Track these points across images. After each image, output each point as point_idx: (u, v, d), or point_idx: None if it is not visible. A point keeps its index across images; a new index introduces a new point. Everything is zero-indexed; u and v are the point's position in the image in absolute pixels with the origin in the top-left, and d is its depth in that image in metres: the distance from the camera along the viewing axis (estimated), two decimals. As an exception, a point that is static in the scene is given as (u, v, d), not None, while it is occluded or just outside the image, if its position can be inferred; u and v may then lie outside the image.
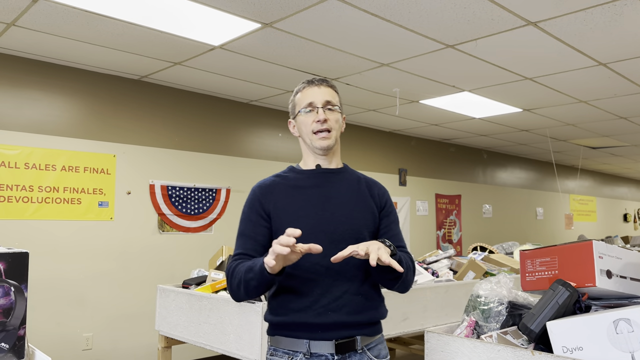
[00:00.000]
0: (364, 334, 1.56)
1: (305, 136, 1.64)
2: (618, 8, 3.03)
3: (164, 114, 4.79)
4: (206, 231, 4.97)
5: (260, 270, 1.43)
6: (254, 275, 1.45)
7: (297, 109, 1.66)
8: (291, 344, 1.54)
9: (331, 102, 1.63)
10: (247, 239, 1.60)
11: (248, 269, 1.48)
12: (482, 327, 1.76)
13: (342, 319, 1.52)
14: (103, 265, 4.30)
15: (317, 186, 1.62)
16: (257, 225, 1.60)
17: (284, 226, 1.55)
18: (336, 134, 1.64)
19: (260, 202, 1.61)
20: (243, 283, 1.49)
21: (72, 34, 3.50)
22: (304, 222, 1.55)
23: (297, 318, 1.53)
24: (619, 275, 1.67)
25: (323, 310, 1.52)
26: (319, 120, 1.60)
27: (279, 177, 1.67)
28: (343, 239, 1.56)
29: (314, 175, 1.65)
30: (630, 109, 5.64)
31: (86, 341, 4.16)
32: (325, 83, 1.65)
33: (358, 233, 1.58)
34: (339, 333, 1.52)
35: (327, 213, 1.58)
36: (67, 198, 4.12)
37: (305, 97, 1.64)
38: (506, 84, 4.66)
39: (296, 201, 1.59)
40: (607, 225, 12.20)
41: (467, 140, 7.74)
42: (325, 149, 1.62)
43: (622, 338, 1.43)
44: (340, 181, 1.66)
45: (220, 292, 2.81)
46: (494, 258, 3.92)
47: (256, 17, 3.18)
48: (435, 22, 3.25)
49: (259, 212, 1.60)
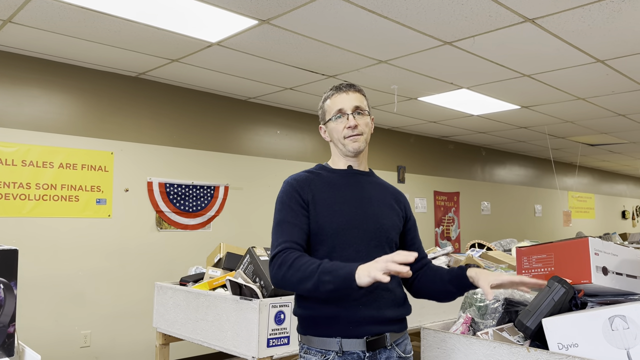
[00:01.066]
0: (392, 330, 1.60)
1: (337, 142, 1.69)
2: (616, 5, 3.03)
3: (162, 111, 4.79)
4: (204, 228, 4.97)
5: (346, 279, 1.39)
6: (333, 279, 1.40)
7: (328, 116, 1.71)
8: (323, 343, 1.56)
9: (360, 107, 1.68)
10: (293, 227, 1.57)
11: (325, 270, 1.42)
12: (478, 323, 1.76)
13: (372, 314, 1.55)
14: (101, 262, 4.30)
15: (350, 185, 1.68)
16: (299, 214, 1.60)
17: (320, 219, 1.59)
18: (366, 137, 1.70)
19: (298, 193, 1.62)
20: (314, 282, 1.43)
21: (69, 30, 3.49)
22: (339, 217, 1.60)
23: (328, 312, 1.54)
24: (615, 272, 1.67)
25: (355, 304, 1.54)
26: (349, 127, 1.65)
27: (312, 173, 1.70)
28: (374, 236, 1.62)
29: (346, 175, 1.70)
30: (629, 106, 5.64)
31: (84, 338, 4.16)
32: (353, 88, 1.70)
33: (387, 233, 1.65)
34: (370, 329, 1.55)
35: (359, 211, 1.63)
36: (64, 195, 4.12)
37: (334, 104, 1.68)
38: (504, 81, 4.66)
39: (332, 196, 1.63)
40: (605, 222, 12.22)
41: (466, 137, 7.74)
42: (357, 152, 1.68)
43: (618, 335, 1.43)
44: (370, 183, 1.72)
45: (217, 289, 2.81)
46: (491, 255, 3.92)
47: (253, 13, 3.18)
48: (433, 18, 3.24)
49: (299, 201, 1.61)
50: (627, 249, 1.75)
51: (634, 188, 13.74)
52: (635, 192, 13.84)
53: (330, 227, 1.58)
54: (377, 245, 1.61)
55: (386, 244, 1.64)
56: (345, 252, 1.57)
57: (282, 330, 2.45)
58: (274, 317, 2.42)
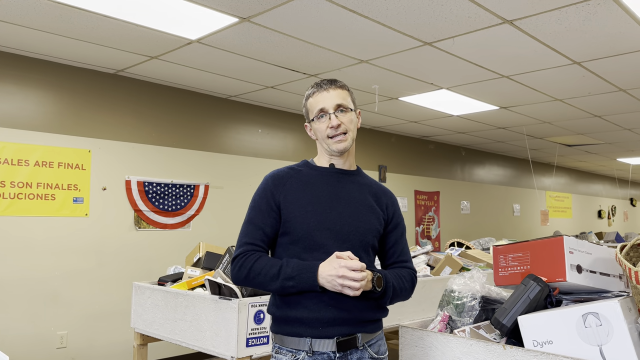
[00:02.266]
0: (364, 331, 1.58)
1: (322, 141, 1.67)
2: (592, 7, 3.08)
3: (141, 109, 4.73)
4: (184, 228, 4.92)
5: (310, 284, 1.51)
6: (296, 284, 1.51)
7: (311, 116, 1.68)
8: (294, 343, 1.56)
9: (342, 105, 1.64)
10: (256, 229, 1.61)
11: (287, 276, 1.52)
12: (456, 321, 1.78)
13: (342, 315, 1.54)
14: (78, 262, 4.24)
15: (328, 184, 1.65)
16: (267, 215, 1.61)
17: (291, 219, 1.59)
18: (352, 134, 1.66)
19: (271, 192, 1.63)
20: (277, 286, 1.53)
21: (46, 26, 3.43)
22: (311, 217, 1.58)
23: (299, 312, 1.55)
24: (588, 270, 1.70)
25: (324, 304, 1.54)
26: (332, 127, 1.62)
27: (293, 170, 1.69)
28: (348, 238, 1.59)
29: (327, 173, 1.67)
30: (604, 107, 5.75)
31: (60, 339, 4.09)
32: (334, 85, 1.65)
33: (363, 235, 1.61)
34: (340, 329, 1.54)
35: (334, 212, 1.60)
36: (40, 194, 4.04)
37: (316, 102, 1.65)
38: (483, 81, 4.71)
39: (306, 196, 1.62)
40: (582, 221, 12.44)
41: (446, 137, 7.80)
42: (342, 152, 1.65)
43: (591, 332, 1.46)
44: (352, 183, 1.68)
45: (196, 289, 2.78)
46: (470, 254, 3.96)
47: (234, 11, 3.16)
48: (413, 19, 3.26)
49: (270, 202, 1.62)
50: (601, 247, 1.78)
51: (609, 188, 14.02)
52: (611, 192, 14.12)
53: (301, 228, 1.57)
54: (349, 248, 1.57)
55: (360, 248, 1.60)
56: (315, 254, 1.56)
57: (262, 329, 2.44)
58: (254, 317, 2.41)
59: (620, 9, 3.10)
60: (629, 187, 15.03)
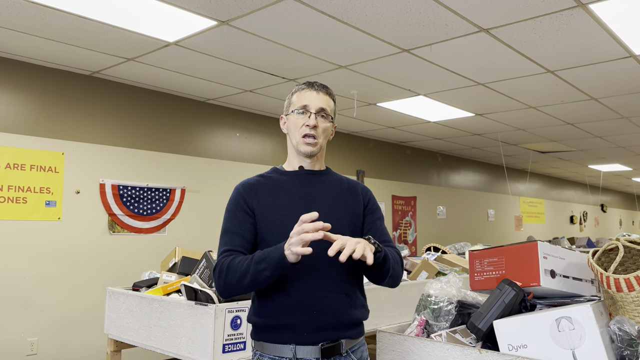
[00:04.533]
0: (348, 336, 1.58)
1: (293, 136, 1.66)
2: (565, 18, 3.16)
3: (116, 111, 4.66)
4: (159, 232, 4.86)
5: (279, 260, 1.42)
6: (268, 266, 1.44)
7: (291, 108, 1.67)
8: (277, 350, 1.54)
9: (325, 111, 1.65)
10: (234, 236, 1.59)
11: (258, 260, 1.46)
12: (432, 326, 1.79)
13: (327, 319, 1.53)
14: (50, 266, 4.14)
15: (300, 187, 1.64)
16: (243, 222, 1.60)
17: (267, 224, 1.58)
18: (322, 142, 1.66)
19: (244, 199, 1.62)
20: (251, 275, 1.46)
21: (19, 26, 3.35)
22: (287, 221, 1.57)
23: (282, 319, 1.53)
24: (562, 275, 1.73)
25: (308, 309, 1.52)
26: (308, 125, 1.61)
27: (263, 177, 1.68)
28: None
29: (297, 176, 1.67)
30: (577, 115, 5.88)
31: (31, 346, 3.99)
32: (324, 90, 1.67)
33: (340, 232, 1.59)
34: (325, 335, 1.53)
35: (308, 212, 1.57)
36: (11, 197, 3.94)
37: (302, 98, 1.65)
38: (459, 89, 4.77)
39: (279, 200, 1.61)
40: (554, 226, 12.69)
41: (423, 143, 7.88)
42: (309, 155, 1.64)
43: (564, 335, 1.48)
44: (323, 182, 1.68)
45: (172, 294, 2.75)
46: (446, 258, 4.00)
47: (212, 14, 3.14)
48: (392, 26, 3.29)
49: (244, 208, 1.61)
50: (574, 252, 1.82)
51: (581, 194, 14.33)
52: (583, 198, 14.44)
53: (277, 232, 1.56)
54: (327, 248, 1.53)
55: None
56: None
57: (239, 335, 2.42)
58: (230, 323, 2.39)
59: (592, 20, 3.18)
60: (599, 194, 15.39)
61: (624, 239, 1.70)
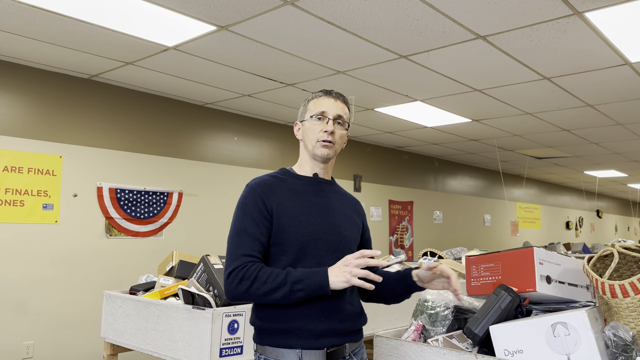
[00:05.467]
0: (351, 340, 1.62)
1: (309, 142, 1.67)
2: (561, 25, 3.19)
3: (115, 115, 4.67)
4: (156, 236, 4.86)
5: (320, 285, 1.46)
6: (305, 287, 1.47)
7: (308, 115, 1.69)
8: (281, 354, 1.54)
9: (342, 118, 1.68)
10: (253, 240, 1.55)
11: (295, 279, 1.47)
12: (429, 331, 1.80)
13: (333, 326, 1.55)
14: (46, 270, 4.13)
15: (314, 194, 1.66)
16: (261, 225, 1.56)
17: (284, 229, 1.56)
18: (337, 147, 1.68)
19: (262, 200, 1.58)
20: (285, 291, 1.47)
21: (19, 29, 3.36)
22: (304, 228, 1.57)
23: (290, 324, 1.53)
24: (557, 281, 1.75)
25: (316, 316, 1.54)
26: (326, 131, 1.64)
27: (277, 178, 1.66)
28: (338, 248, 1.62)
29: (311, 183, 1.68)
30: (573, 122, 5.92)
31: (27, 349, 3.98)
32: (341, 98, 1.70)
33: (349, 245, 1.65)
34: (330, 341, 1.55)
35: (324, 222, 1.62)
36: (9, 200, 3.94)
37: (319, 105, 1.67)
38: (456, 94, 4.80)
39: (297, 205, 1.61)
40: (550, 232, 12.72)
41: (420, 148, 7.91)
42: (325, 158, 1.66)
43: (559, 341, 1.50)
44: (334, 193, 1.72)
45: (169, 298, 2.75)
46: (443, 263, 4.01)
47: (212, 19, 3.16)
48: (390, 32, 3.32)
49: (262, 210, 1.57)
50: (569, 258, 1.83)
51: (577, 200, 14.38)
52: (579, 203, 14.49)
53: (295, 238, 1.56)
54: (339, 258, 1.58)
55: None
56: (307, 264, 1.56)
57: (236, 339, 2.43)
58: (228, 327, 2.40)
59: (588, 28, 3.21)
60: (595, 199, 15.45)
61: (619, 245, 1.72)
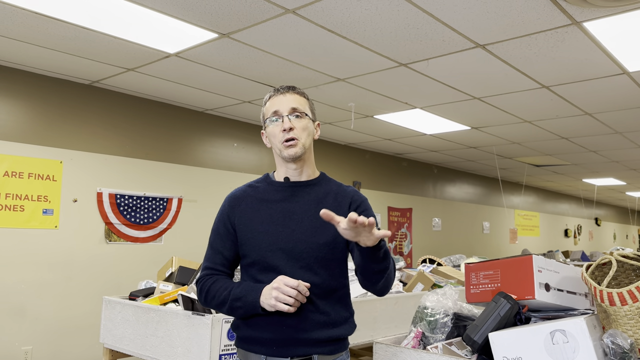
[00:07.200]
0: (321, 352, 1.53)
1: (275, 147, 1.60)
2: (560, 35, 3.21)
3: (115, 120, 4.68)
4: (156, 241, 4.86)
5: (253, 305, 1.50)
6: (243, 305, 1.51)
7: (265, 119, 1.63)
8: (250, 358, 1.57)
9: (297, 109, 1.58)
10: (216, 253, 1.64)
11: (235, 297, 1.52)
12: (429, 338, 1.81)
13: (296, 336, 1.51)
14: (46, 275, 4.13)
15: (282, 200, 1.60)
16: (225, 239, 1.63)
17: (245, 241, 1.59)
18: (304, 142, 1.58)
19: (227, 215, 1.64)
20: (227, 307, 1.54)
21: (21, 35, 3.38)
22: (263, 239, 1.56)
23: (255, 332, 1.55)
24: (556, 289, 1.76)
25: (278, 326, 1.52)
26: (284, 129, 1.56)
27: (251, 187, 1.67)
28: (301, 257, 1.53)
29: (281, 188, 1.62)
30: (571, 130, 5.95)
31: (25, 355, 3.97)
32: (291, 90, 1.61)
33: (318, 251, 1.54)
34: (294, 350, 1.51)
35: (287, 230, 1.55)
36: (9, 205, 3.95)
37: (271, 106, 1.61)
38: (456, 102, 4.83)
39: (259, 216, 1.59)
40: (549, 240, 12.73)
41: (419, 155, 7.93)
42: (293, 158, 1.57)
43: (558, 348, 1.51)
44: (308, 195, 1.60)
45: (168, 304, 2.75)
46: (442, 270, 4.02)
47: (213, 27, 3.18)
48: (390, 40, 3.34)
49: (227, 225, 1.63)
50: (568, 266, 1.84)
51: (576, 207, 14.40)
52: (577, 211, 14.51)
53: (254, 250, 1.56)
54: (303, 267, 1.53)
55: (317, 264, 1.54)
56: (270, 275, 1.53)
57: (234, 346, 2.43)
58: (227, 333, 2.40)
59: (586, 37, 3.24)
60: (594, 207, 15.47)
61: (617, 253, 1.73)
